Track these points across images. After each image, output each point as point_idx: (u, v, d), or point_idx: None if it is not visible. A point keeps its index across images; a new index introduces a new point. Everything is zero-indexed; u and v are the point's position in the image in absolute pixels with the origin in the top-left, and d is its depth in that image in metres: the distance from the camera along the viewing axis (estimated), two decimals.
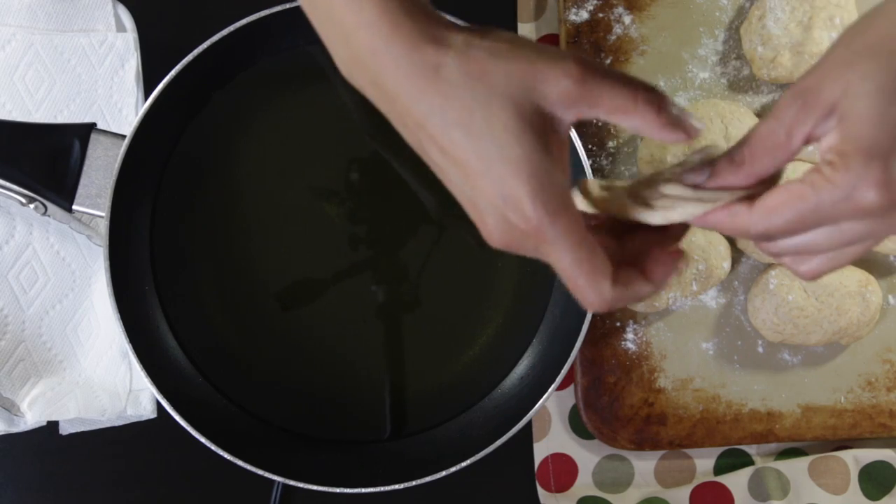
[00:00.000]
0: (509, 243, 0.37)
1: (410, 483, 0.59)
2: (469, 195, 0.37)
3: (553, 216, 0.36)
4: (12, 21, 0.65)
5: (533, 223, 0.35)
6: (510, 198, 0.35)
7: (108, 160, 0.59)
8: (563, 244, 0.36)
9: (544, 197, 0.35)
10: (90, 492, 0.67)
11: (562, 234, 0.36)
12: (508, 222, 0.36)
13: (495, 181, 0.36)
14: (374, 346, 0.65)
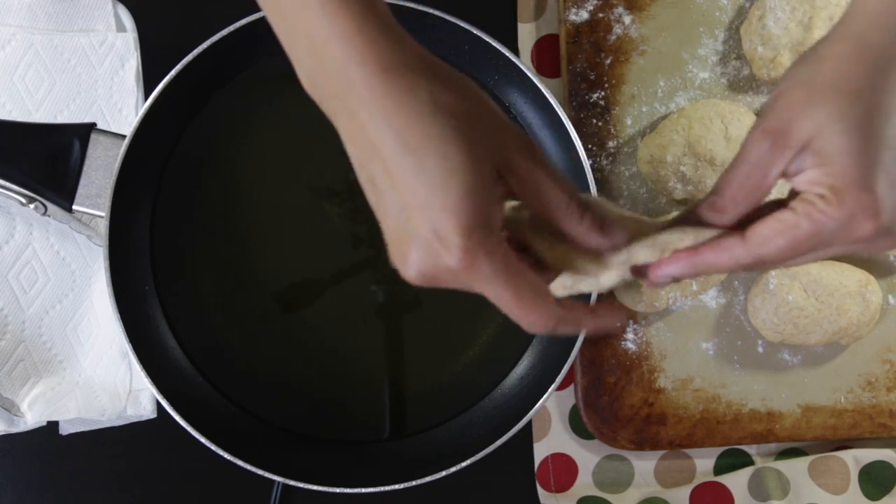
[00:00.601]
0: (430, 277, 0.37)
1: (410, 483, 0.59)
2: (401, 225, 0.36)
3: (489, 255, 0.36)
4: (12, 21, 0.65)
5: (465, 261, 0.35)
6: (445, 234, 0.35)
7: (108, 160, 0.59)
8: (500, 279, 0.36)
9: (482, 235, 0.36)
10: (90, 492, 0.67)
11: (498, 270, 0.36)
12: (435, 257, 0.36)
13: (434, 215, 0.35)
14: (374, 347, 0.65)
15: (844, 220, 0.37)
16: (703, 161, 0.64)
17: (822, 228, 0.38)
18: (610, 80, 0.68)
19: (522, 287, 0.37)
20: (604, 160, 0.68)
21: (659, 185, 0.66)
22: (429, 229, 0.35)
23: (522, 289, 0.37)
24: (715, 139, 0.64)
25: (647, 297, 0.66)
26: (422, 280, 0.37)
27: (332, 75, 0.36)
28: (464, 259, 0.35)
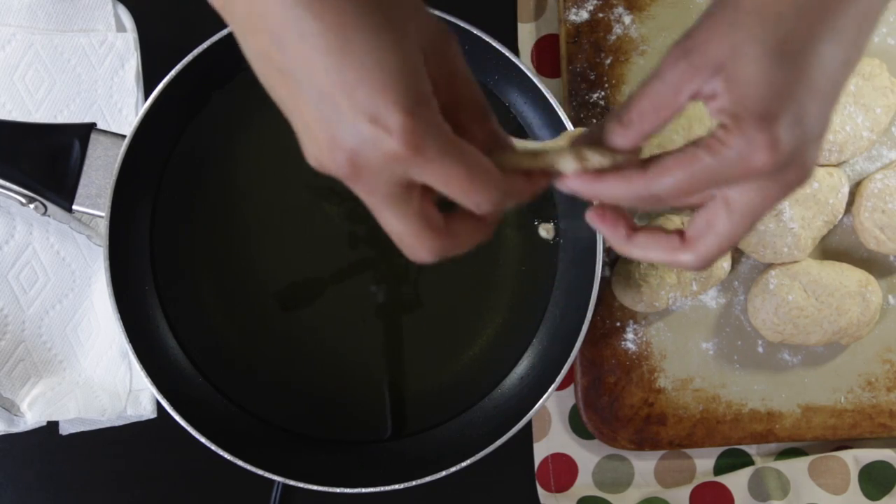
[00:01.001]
0: (364, 168, 0.33)
1: (410, 483, 0.59)
2: (324, 116, 0.32)
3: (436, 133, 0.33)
4: (12, 21, 0.65)
5: (411, 142, 0.32)
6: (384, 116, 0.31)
7: (108, 160, 0.59)
8: (449, 157, 0.33)
9: (426, 113, 0.32)
10: (90, 492, 0.67)
11: (447, 148, 0.33)
12: (374, 144, 0.32)
13: (369, 96, 0.31)
14: (374, 346, 0.65)
15: (741, 150, 0.35)
16: None
17: (721, 159, 0.35)
18: (610, 80, 0.68)
19: (472, 163, 0.34)
20: None
21: None
22: (363, 113, 0.31)
23: (472, 165, 0.34)
24: None
25: (647, 297, 0.66)
26: (354, 174, 0.33)
27: None
28: (410, 140, 0.32)
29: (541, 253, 0.67)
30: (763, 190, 0.36)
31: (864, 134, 0.65)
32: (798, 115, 0.35)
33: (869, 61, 0.66)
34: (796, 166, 0.36)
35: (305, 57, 0.31)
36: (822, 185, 0.65)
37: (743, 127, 0.35)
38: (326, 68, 0.31)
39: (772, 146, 0.34)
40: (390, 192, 0.34)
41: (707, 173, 0.36)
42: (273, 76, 0.33)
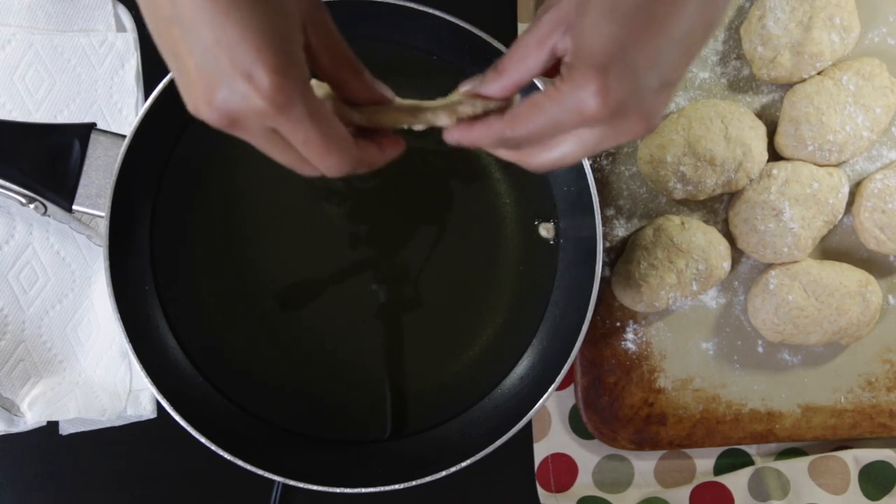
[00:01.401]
0: (234, 119, 0.36)
1: (410, 483, 0.59)
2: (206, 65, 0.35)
3: (302, 95, 0.36)
4: (12, 21, 0.65)
5: (278, 101, 0.35)
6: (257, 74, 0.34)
7: (108, 160, 0.59)
8: (310, 121, 0.37)
9: (296, 76, 0.35)
10: (90, 492, 0.67)
11: (311, 111, 0.36)
12: (244, 97, 0.35)
13: (246, 54, 0.34)
14: (374, 346, 0.65)
15: (574, 97, 0.37)
16: (702, 161, 0.64)
17: (559, 106, 0.38)
18: None
19: (331, 130, 0.38)
20: (604, 160, 0.68)
21: (659, 185, 0.66)
22: (240, 70, 0.34)
23: (330, 132, 0.38)
24: (715, 139, 0.64)
25: (647, 297, 0.66)
26: (225, 122, 0.36)
27: None
28: (277, 98, 0.35)
29: (541, 253, 0.67)
30: (601, 135, 0.39)
31: (864, 134, 0.65)
32: (631, 67, 0.36)
33: (869, 61, 0.66)
34: (633, 115, 0.38)
35: (193, 11, 0.34)
36: (822, 185, 0.65)
37: (575, 76, 0.37)
38: (212, 24, 0.34)
39: (601, 94, 0.36)
40: (265, 135, 0.38)
41: (550, 119, 0.39)
42: (161, 25, 0.35)
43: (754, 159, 0.65)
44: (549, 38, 0.39)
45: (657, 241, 0.66)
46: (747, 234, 0.67)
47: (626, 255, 0.67)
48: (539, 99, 0.39)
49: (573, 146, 0.40)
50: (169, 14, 0.35)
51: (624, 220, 0.68)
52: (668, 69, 0.38)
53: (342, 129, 0.39)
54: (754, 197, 0.66)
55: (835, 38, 0.65)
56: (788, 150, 0.67)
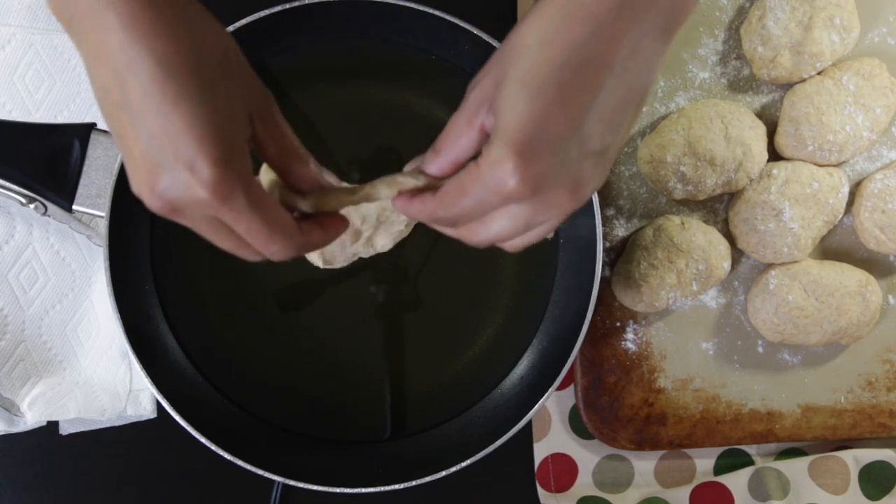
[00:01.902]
0: (176, 207, 0.37)
1: (410, 483, 0.59)
2: (151, 153, 0.36)
3: (245, 187, 0.37)
4: (12, 21, 0.65)
5: (219, 193, 0.36)
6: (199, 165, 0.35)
7: (108, 160, 0.59)
8: (253, 211, 0.37)
9: (238, 168, 0.36)
10: (90, 492, 0.67)
11: (253, 202, 0.37)
12: (187, 187, 0.36)
13: (190, 144, 0.35)
14: (374, 347, 0.65)
15: (493, 176, 0.37)
16: (703, 161, 0.64)
17: (481, 185, 0.38)
18: None
19: (273, 218, 0.39)
20: None
21: (659, 185, 0.66)
22: (183, 159, 0.35)
23: (273, 220, 0.39)
24: (715, 139, 0.64)
25: (647, 297, 0.66)
26: (167, 209, 0.37)
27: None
28: (218, 190, 0.36)
29: (541, 253, 0.67)
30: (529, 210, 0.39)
31: (864, 134, 0.65)
32: (548, 142, 0.36)
33: (869, 61, 0.66)
34: (557, 188, 0.38)
35: (141, 98, 0.35)
36: (822, 185, 0.65)
37: (492, 155, 0.37)
38: (158, 113, 0.35)
39: (517, 171, 0.36)
40: (206, 223, 0.39)
41: (474, 199, 0.39)
42: (111, 109, 0.36)
43: (754, 159, 0.65)
44: (476, 116, 0.39)
45: (657, 241, 0.66)
46: (747, 234, 0.67)
47: (626, 255, 0.67)
48: (463, 179, 0.39)
49: (505, 223, 0.40)
50: (118, 100, 0.35)
51: (624, 220, 0.68)
52: (591, 139, 0.37)
53: (285, 215, 0.40)
54: (754, 197, 0.66)
55: (835, 38, 0.65)
56: (788, 150, 0.67)
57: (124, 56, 0.34)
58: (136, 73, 0.34)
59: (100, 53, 0.35)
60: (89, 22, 0.35)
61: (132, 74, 0.35)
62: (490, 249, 0.66)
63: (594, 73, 0.36)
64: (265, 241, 0.39)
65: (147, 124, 0.35)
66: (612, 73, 0.36)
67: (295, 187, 0.43)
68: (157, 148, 0.35)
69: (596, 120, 0.37)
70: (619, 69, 0.36)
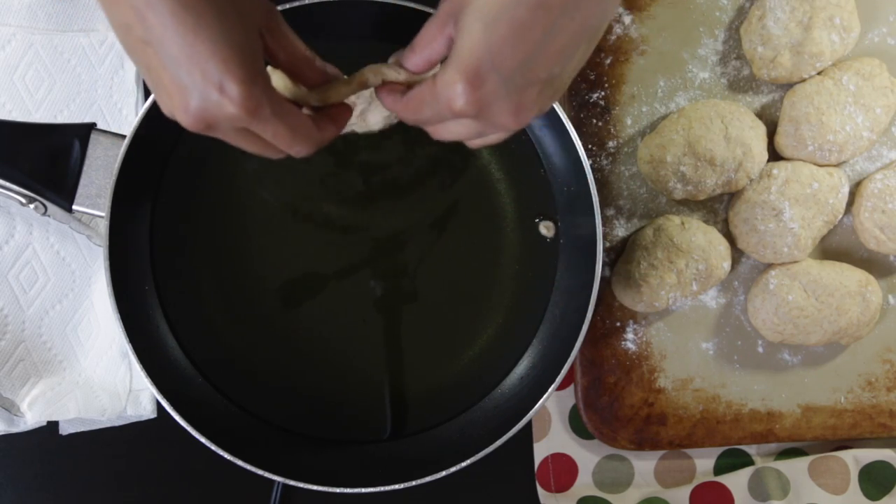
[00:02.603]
0: (209, 123, 0.41)
1: (410, 483, 0.59)
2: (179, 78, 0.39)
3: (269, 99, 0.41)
4: (12, 21, 0.65)
5: (248, 107, 0.40)
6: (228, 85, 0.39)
7: (108, 160, 0.59)
8: (277, 119, 0.42)
9: (262, 83, 0.40)
10: (90, 492, 0.67)
11: (275, 110, 0.41)
12: (218, 106, 0.39)
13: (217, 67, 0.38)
14: (374, 347, 0.65)
15: (444, 93, 0.41)
16: (702, 161, 0.64)
17: (434, 100, 0.42)
18: (610, 80, 0.68)
19: (295, 122, 0.43)
20: (604, 160, 0.68)
21: (659, 185, 0.66)
22: (212, 83, 0.39)
23: (295, 124, 0.43)
24: (715, 139, 0.64)
25: (647, 297, 0.66)
26: (201, 125, 0.41)
27: None
28: (246, 104, 0.39)
29: (541, 253, 0.67)
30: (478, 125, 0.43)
31: (864, 134, 0.65)
32: (497, 68, 0.39)
33: (869, 61, 0.66)
34: (501, 111, 0.41)
35: (164, 31, 0.38)
36: (822, 185, 0.65)
37: (446, 75, 0.41)
38: (182, 42, 0.38)
39: (465, 93, 0.40)
40: (235, 133, 0.43)
41: (430, 110, 0.43)
42: (134, 44, 0.39)
43: (754, 159, 0.65)
44: (445, 26, 0.42)
45: (657, 241, 0.66)
46: (747, 234, 0.67)
47: (626, 255, 0.67)
48: (423, 92, 0.43)
49: (461, 129, 0.44)
50: (142, 35, 0.38)
51: (624, 220, 0.68)
52: (537, 70, 0.40)
53: (304, 118, 0.44)
54: (754, 197, 0.66)
55: (835, 38, 0.65)
56: (788, 150, 0.67)
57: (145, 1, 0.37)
58: (156, 9, 0.37)
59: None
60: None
61: (152, 11, 0.37)
62: (490, 249, 0.66)
63: (546, 12, 0.38)
64: (290, 142, 0.43)
65: (173, 54, 0.38)
66: (565, 12, 0.39)
67: (306, 85, 0.47)
68: (186, 74, 0.38)
69: (544, 53, 0.40)
70: (571, 7, 0.39)
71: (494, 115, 0.41)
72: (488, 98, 0.40)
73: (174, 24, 0.37)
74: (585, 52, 0.42)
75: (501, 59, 0.39)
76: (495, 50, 0.39)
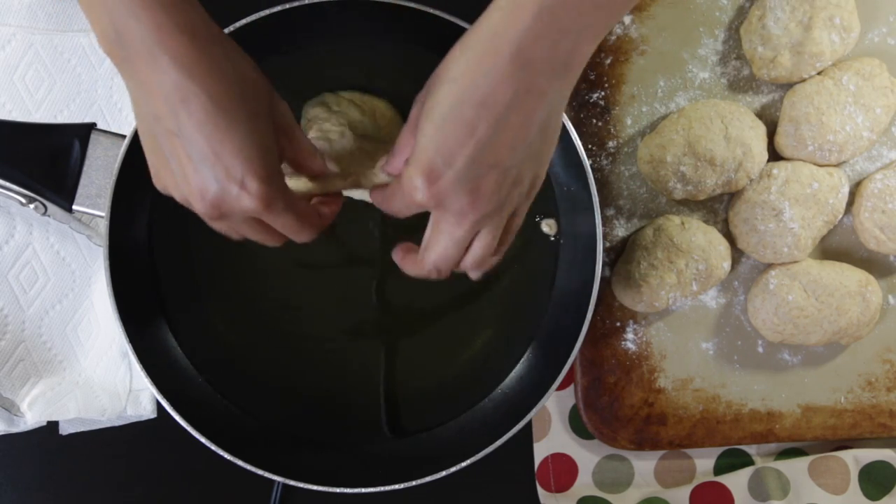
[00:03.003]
0: (224, 211, 0.44)
1: (410, 483, 0.59)
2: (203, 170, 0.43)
3: (283, 196, 0.45)
4: (12, 21, 0.65)
5: (264, 203, 0.44)
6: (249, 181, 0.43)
7: (108, 160, 0.59)
8: (288, 212, 0.46)
9: (278, 181, 0.45)
10: (90, 492, 0.67)
11: (288, 206, 0.46)
12: (237, 199, 0.43)
13: (240, 165, 0.42)
14: (374, 347, 0.65)
15: (406, 187, 0.44)
16: (702, 161, 0.64)
17: (401, 195, 0.45)
18: (610, 80, 0.68)
19: (303, 213, 0.48)
20: (604, 160, 0.68)
21: (659, 185, 0.66)
22: (234, 178, 0.43)
23: (304, 214, 0.48)
24: (715, 139, 0.64)
25: (647, 297, 0.66)
26: (216, 215, 0.44)
27: (138, 37, 0.40)
28: (264, 200, 0.44)
29: (541, 253, 0.67)
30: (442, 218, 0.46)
31: (864, 134, 0.65)
32: (448, 165, 0.43)
33: (869, 61, 0.66)
34: (458, 199, 0.44)
35: (195, 128, 0.41)
36: (822, 185, 0.65)
37: (407, 174, 0.44)
38: (210, 140, 0.42)
39: (423, 188, 0.43)
40: (245, 223, 0.47)
41: (400, 203, 0.47)
42: (163, 134, 0.43)
43: (754, 159, 0.65)
44: (414, 131, 0.45)
45: (657, 241, 0.66)
46: (747, 234, 0.67)
47: (626, 255, 0.67)
48: (392, 188, 0.48)
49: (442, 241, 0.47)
50: (172, 128, 0.42)
51: (624, 220, 0.68)
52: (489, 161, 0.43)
53: (310, 208, 0.49)
54: (754, 197, 0.66)
55: (835, 38, 0.65)
56: (788, 150, 0.67)
57: (179, 94, 0.41)
58: (190, 108, 0.41)
59: (152, 89, 0.41)
60: (142, 62, 0.40)
61: (186, 109, 0.41)
62: None
63: (489, 110, 0.41)
64: (297, 231, 0.48)
65: (199, 148, 0.42)
66: (510, 108, 0.41)
67: (308, 176, 0.51)
68: (210, 167, 0.42)
69: (493, 147, 0.42)
70: (514, 105, 0.41)
71: (452, 204, 0.44)
72: (444, 190, 0.43)
73: (206, 124, 0.41)
74: (542, 148, 0.45)
75: (451, 155, 0.42)
76: (445, 148, 0.42)
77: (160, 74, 0.40)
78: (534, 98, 0.42)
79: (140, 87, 0.42)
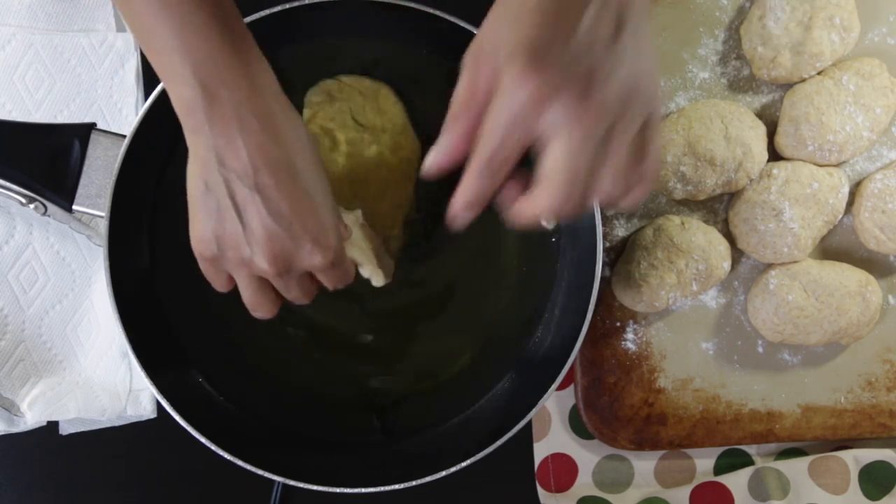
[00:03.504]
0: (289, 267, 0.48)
1: (410, 483, 0.59)
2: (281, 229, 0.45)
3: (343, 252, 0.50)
4: (12, 21, 0.65)
5: (335, 258, 0.48)
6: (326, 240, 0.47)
7: (108, 160, 0.59)
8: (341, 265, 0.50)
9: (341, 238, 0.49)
10: (90, 492, 0.67)
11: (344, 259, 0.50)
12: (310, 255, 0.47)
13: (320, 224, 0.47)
14: (374, 346, 0.65)
15: (511, 93, 0.39)
16: (703, 161, 0.64)
17: (503, 101, 0.40)
18: None
19: (349, 267, 0.52)
20: None
21: (659, 185, 0.66)
22: (310, 234, 0.46)
23: (349, 269, 0.52)
24: (715, 139, 0.64)
25: (647, 297, 0.66)
26: (282, 269, 0.47)
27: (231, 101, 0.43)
28: (333, 256, 0.48)
29: (541, 253, 0.67)
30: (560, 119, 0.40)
31: (864, 134, 0.65)
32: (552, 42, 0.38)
33: (869, 61, 0.66)
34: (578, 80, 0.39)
35: (274, 186, 0.45)
36: (822, 185, 0.65)
37: (505, 79, 0.39)
38: (290, 199, 0.45)
39: (531, 78, 0.38)
40: (296, 278, 0.50)
41: (512, 118, 0.40)
42: (239, 190, 0.45)
43: (754, 159, 0.65)
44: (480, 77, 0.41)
45: (657, 241, 0.66)
46: (747, 234, 0.67)
47: (626, 255, 0.67)
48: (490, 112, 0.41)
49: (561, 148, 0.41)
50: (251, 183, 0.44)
51: (624, 220, 0.68)
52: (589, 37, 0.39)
53: (349, 262, 0.53)
54: (754, 197, 0.66)
55: (835, 38, 0.65)
56: (788, 150, 0.67)
57: (262, 156, 0.44)
58: (272, 169, 0.44)
59: (234, 148, 0.44)
60: (222, 126, 0.44)
61: (268, 170, 0.44)
62: (491, 248, 0.66)
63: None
64: (343, 281, 0.51)
65: (275, 206, 0.45)
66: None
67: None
68: (286, 224, 0.45)
69: (589, 25, 0.39)
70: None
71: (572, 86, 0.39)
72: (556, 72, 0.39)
73: (287, 183, 0.45)
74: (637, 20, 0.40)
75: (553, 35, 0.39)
76: (544, 26, 0.39)
77: (246, 136, 0.44)
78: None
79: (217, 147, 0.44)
